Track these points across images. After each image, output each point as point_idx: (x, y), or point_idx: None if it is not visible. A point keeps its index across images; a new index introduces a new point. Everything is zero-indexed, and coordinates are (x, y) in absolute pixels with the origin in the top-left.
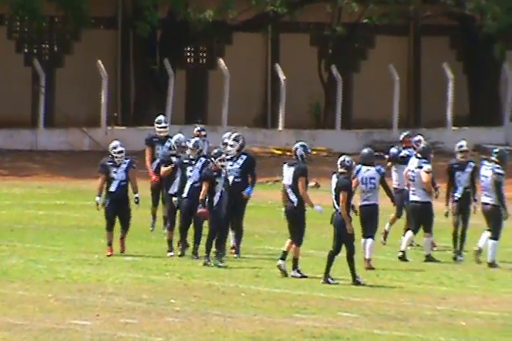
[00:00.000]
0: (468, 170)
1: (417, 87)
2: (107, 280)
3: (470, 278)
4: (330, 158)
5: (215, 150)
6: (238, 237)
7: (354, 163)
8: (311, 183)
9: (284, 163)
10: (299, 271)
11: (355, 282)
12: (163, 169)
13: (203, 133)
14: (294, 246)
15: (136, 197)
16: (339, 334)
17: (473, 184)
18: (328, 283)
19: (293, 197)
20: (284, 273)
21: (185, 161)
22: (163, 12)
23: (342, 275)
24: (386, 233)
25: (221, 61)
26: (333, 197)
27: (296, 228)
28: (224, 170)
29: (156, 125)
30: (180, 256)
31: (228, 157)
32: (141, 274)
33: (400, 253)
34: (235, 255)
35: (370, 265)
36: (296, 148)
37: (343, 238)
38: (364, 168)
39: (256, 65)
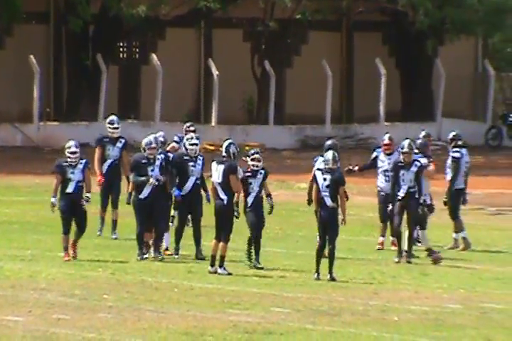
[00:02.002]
0: (414, 169)
1: (349, 82)
2: (39, 276)
3: (402, 274)
4: (263, 154)
5: (252, 151)
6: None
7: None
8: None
9: (213, 161)
10: (225, 269)
11: (331, 278)
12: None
13: (192, 129)
14: (221, 243)
15: (87, 197)
16: (272, 329)
17: (419, 184)
18: (334, 280)
19: (222, 195)
20: (228, 273)
21: (143, 161)
22: (96, 7)
23: (274, 271)
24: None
25: (154, 56)
26: (325, 192)
27: (225, 226)
28: (261, 171)
29: (108, 125)
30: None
31: (187, 157)
32: (74, 270)
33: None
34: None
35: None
36: (228, 146)
37: (330, 233)
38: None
39: (189, 61)
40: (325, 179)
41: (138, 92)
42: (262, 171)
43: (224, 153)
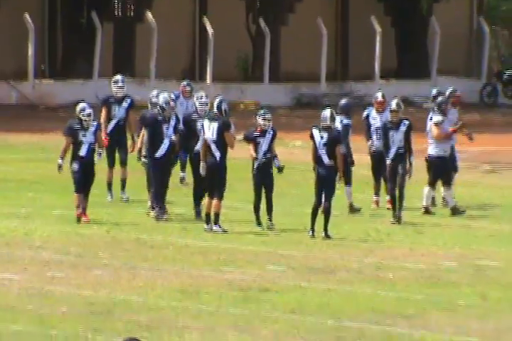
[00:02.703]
0: (402, 128)
1: (344, 40)
2: (34, 234)
3: (397, 231)
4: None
5: (262, 110)
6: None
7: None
8: (239, 137)
9: (205, 118)
10: (220, 226)
11: (326, 236)
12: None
13: (188, 88)
14: (215, 201)
15: (100, 152)
16: (267, 287)
17: (409, 143)
18: (329, 237)
19: (216, 153)
20: (224, 231)
21: (159, 118)
22: None
23: (270, 229)
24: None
25: (149, 14)
26: (322, 151)
27: (219, 183)
28: (270, 131)
29: (113, 85)
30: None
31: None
32: (69, 227)
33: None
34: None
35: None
36: (220, 103)
37: (326, 191)
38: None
39: (184, 18)
40: (322, 137)
41: (133, 50)
42: (271, 131)
43: (215, 110)
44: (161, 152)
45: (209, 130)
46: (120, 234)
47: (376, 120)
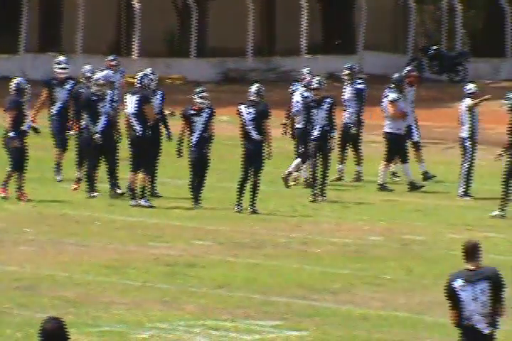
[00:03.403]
0: (325, 106)
1: (271, 15)
2: None
3: (324, 206)
4: (184, 87)
5: (199, 88)
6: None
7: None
8: (166, 111)
9: (126, 93)
10: (147, 200)
11: (253, 210)
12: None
13: (114, 63)
14: (140, 174)
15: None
16: (194, 262)
17: (331, 121)
18: (256, 212)
19: (137, 126)
20: (150, 206)
21: (93, 98)
22: None
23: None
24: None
25: None
26: (250, 126)
27: (141, 157)
28: (206, 109)
29: (56, 66)
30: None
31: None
32: None
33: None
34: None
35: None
36: (142, 77)
37: (255, 166)
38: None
39: None
40: (249, 113)
41: (59, 25)
42: (208, 110)
43: (138, 84)
44: (98, 129)
45: (129, 103)
46: (46, 210)
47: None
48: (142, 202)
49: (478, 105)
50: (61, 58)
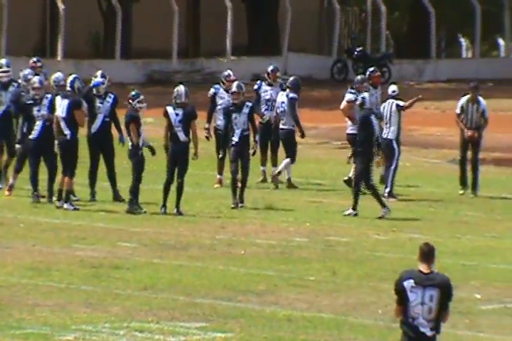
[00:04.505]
0: (245, 111)
1: (196, 16)
2: None
3: (249, 207)
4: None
5: (133, 92)
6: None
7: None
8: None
9: (57, 95)
10: (71, 204)
11: (178, 212)
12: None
13: (39, 64)
14: (66, 178)
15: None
16: (119, 264)
17: (253, 125)
18: (181, 214)
19: (66, 130)
20: (75, 208)
21: (29, 102)
22: None
23: (121, 206)
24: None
25: None
26: (178, 127)
27: (69, 160)
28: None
29: None
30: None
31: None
32: None
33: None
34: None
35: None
36: (73, 81)
37: (180, 167)
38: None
39: None
40: (177, 114)
41: None
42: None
43: (68, 88)
44: (35, 134)
45: (60, 107)
46: None
47: (224, 99)
48: (66, 205)
49: (412, 106)
50: (2, 61)
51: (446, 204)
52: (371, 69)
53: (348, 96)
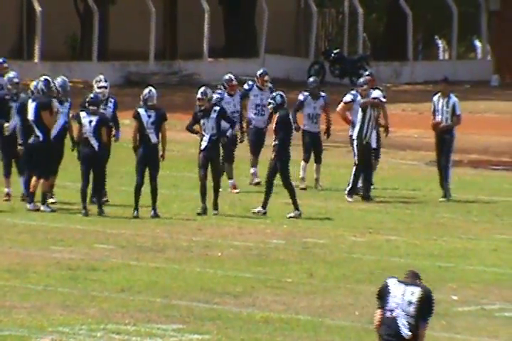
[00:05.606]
0: (213, 115)
1: (173, 18)
2: None
3: (226, 209)
4: (86, 90)
5: (91, 95)
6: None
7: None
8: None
9: (29, 98)
10: (48, 206)
11: (155, 214)
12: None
13: (5, 65)
14: (42, 180)
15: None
16: (95, 265)
17: (219, 130)
18: (158, 216)
19: (38, 132)
20: (52, 210)
21: (7, 97)
22: None
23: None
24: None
25: None
26: (150, 129)
27: (44, 163)
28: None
29: None
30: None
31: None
32: None
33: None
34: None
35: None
36: (37, 82)
37: (152, 170)
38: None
39: None
40: (149, 116)
41: None
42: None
43: (34, 90)
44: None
45: (30, 109)
46: None
47: (231, 104)
48: (43, 207)
49: (368, 105)
50: None
51: (423, 206)
52: (366, 72)
53: (346, 98)
